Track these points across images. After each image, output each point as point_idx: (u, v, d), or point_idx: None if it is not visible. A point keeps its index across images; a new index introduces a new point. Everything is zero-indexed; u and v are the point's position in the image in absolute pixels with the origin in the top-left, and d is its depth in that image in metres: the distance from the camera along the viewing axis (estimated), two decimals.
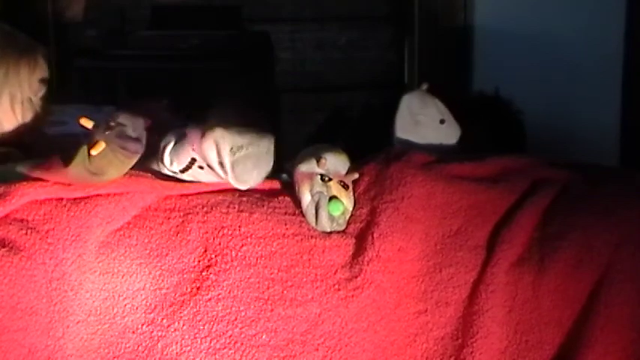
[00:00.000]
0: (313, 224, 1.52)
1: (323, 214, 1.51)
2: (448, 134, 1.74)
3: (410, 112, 1.74)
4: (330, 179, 1.54)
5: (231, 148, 1.50)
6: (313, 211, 1.52)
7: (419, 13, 3.26)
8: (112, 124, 1.53)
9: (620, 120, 2.88)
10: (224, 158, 1.51)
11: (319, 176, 1.54)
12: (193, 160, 1.54)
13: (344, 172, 1.59)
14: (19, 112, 1.76)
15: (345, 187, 1.55)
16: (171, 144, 1.57)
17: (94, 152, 1.47)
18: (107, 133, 1.51)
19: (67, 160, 1.47)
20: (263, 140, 1.54)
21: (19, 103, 1.76)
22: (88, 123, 1.53)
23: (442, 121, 1.74)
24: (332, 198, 1.52)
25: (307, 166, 1.57)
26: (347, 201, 1.54)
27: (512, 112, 2.09)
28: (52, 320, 1.43)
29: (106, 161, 1.49)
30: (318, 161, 1.56)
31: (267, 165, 1.55)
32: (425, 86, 1.77)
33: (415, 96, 1.76)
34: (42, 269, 1.43)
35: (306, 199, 1.53)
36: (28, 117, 1.77)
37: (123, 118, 1.55)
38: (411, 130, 1.74)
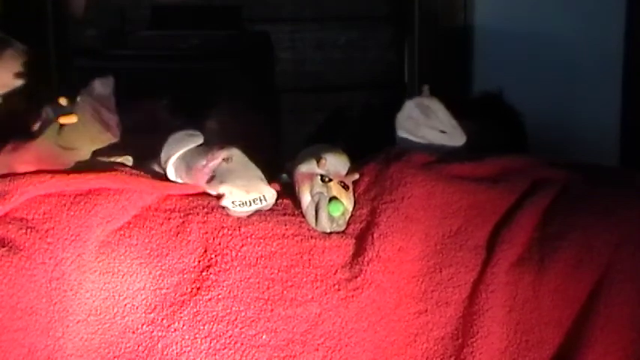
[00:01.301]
0: (313, 225, 1.52)
1: (323, 215, 1.51)
2: (450, 141, 1.74)
3: (411, 118, 1.74)
4: (330, 180, 1.54)
5: (233, 202, 1.51)
6: (313, 212, 1.52)
7: (419, 13, 3.26)
8: (83, 90, 1.52)
9: (620, 120, 2.88)
10: (225, 202, 1.51)
11: (319, 177, 1.54)
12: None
13: (344, 172, 1.59)
14: None
15: (346, 187, 1.55)
16: (174, 158, 1.57)
17: (63, 121, 1.46)
18: (79, 99, 1.50)
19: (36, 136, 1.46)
20: (267, 194, 1.53)
21: None
22: (64, 101, 1.53)
23: (443, 132, 1.74)
24: (332, 199, 1.52)
25: (307, 167, 1.57)
26: (347, 202, 1.54)
27: (514, 113, 2.09)
28: (52, 320, 1.43)
29: (77, 134, 1.47)
30: (318, 162, 1.56)
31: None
32: (426, 88, 1.77)
33: (417, 104, 1.75)
34: (42, 269, 1.43)
35: (306, 199, 1.53)
36: None
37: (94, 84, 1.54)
38: (413, 132, 1.74)
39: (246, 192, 1.51)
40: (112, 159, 1.62)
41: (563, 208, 1.57)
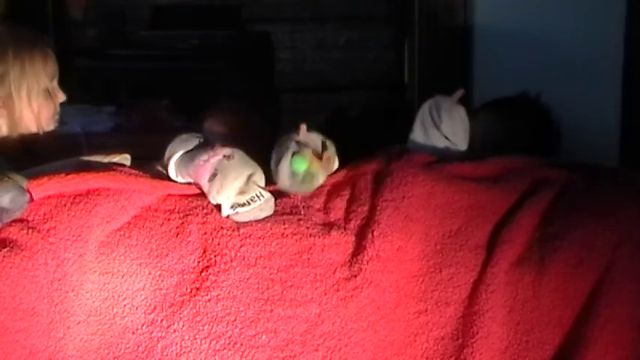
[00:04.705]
0: (275, 179, 1.52)
1: (284, 165, 1.50)
2: (453, 146, 1.75)
3: (429, 116, 1.74)
4: (305, 146, 1.54)
5: (232, 206, 1.51)
6: (275, 166, 1.52)
7: (419, 13, 3.26)
8: None
9: (620, 120, 2.88)
10: (224, 212, 1.52)
11: (295, 142, 1.54)
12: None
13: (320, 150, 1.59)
14: (35, 104, 1.77)
15: (320, 158, 1.55)
16: (177, 156, 1.57)
17: None
18: None
19: None
20: (265, 196, 1.53)
21: (36, 95, 1.77)
22: None
23: (447, 138, 1.75)
24: (297, 154, 1.51)
25: (287, 136, 1.57)
26: (318, 169, 1.53)
27: (552, 119, 2.10)
28: (53, 321, 1.43)
29: None
30: (297, 130, 1.56)
31: (267, 213, 1.54)
32: (458, 93, 1.77)
33: (436, 106, 1.76)
34: (44, 269, 1.43)
35: (275, 155, 1.53)
36: (46, 109, 1.79)
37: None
38: (426, 128, 1.74)
39: (242, 193, 1.51)
40: (110, 157, 1.62)
41: (563, 208, 1.57)
